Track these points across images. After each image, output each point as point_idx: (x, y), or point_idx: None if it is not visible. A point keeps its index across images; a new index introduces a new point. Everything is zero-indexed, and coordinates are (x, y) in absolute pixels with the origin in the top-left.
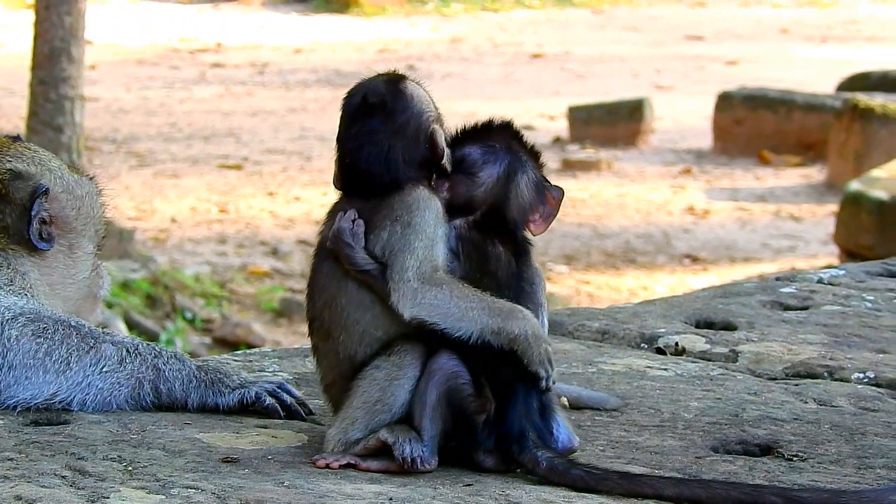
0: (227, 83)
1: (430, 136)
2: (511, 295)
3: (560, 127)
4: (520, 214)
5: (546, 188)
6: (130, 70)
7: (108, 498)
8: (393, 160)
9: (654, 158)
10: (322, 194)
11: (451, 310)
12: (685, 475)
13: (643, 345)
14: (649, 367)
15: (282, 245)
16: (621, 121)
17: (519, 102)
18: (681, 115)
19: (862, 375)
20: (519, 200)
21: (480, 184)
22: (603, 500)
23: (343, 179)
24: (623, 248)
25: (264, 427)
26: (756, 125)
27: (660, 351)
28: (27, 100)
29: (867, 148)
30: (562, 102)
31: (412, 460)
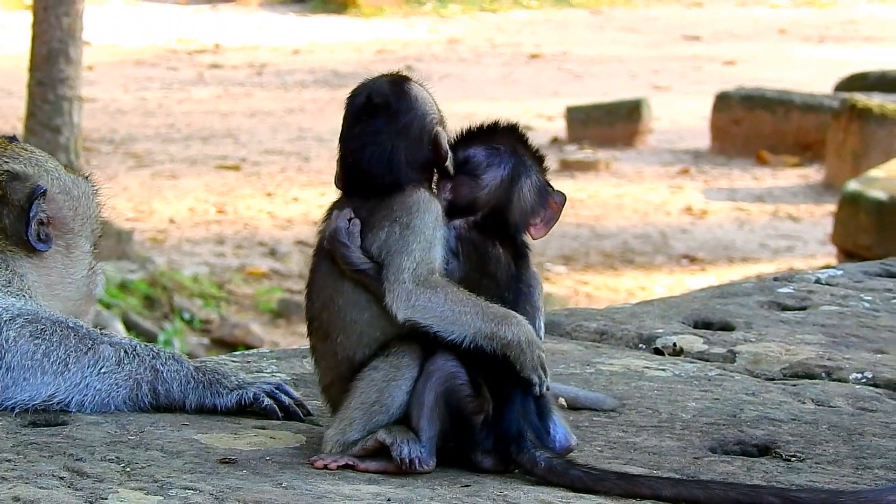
0: (225, 84)
1: (434, 138)
2: (510, 297)
3: (558, 127)
4: (521, 218)
5: (549, 193)
6: (128, 71)
7: (106, 499)
8: (395, 161)
9: (652, 159)
10: (320, 195)
11: (445, 313)
12: (683, 476)
13: (641, 345)
14: (647, 368)
15: (280, 246)
16: (619, 121)
17: (517, 103)
18: (679, 116)
19: (860, 376)
20: (521, 204)
21: (484, 186)
22: (601, 501)
23: (344, 179)
24: (621, 249)
25: (262, 428)
26: (754, 125)
27: (658, 351)
28: (25, 101)
29: (865, 148)
30: (560, 103)
31: (410, 461)
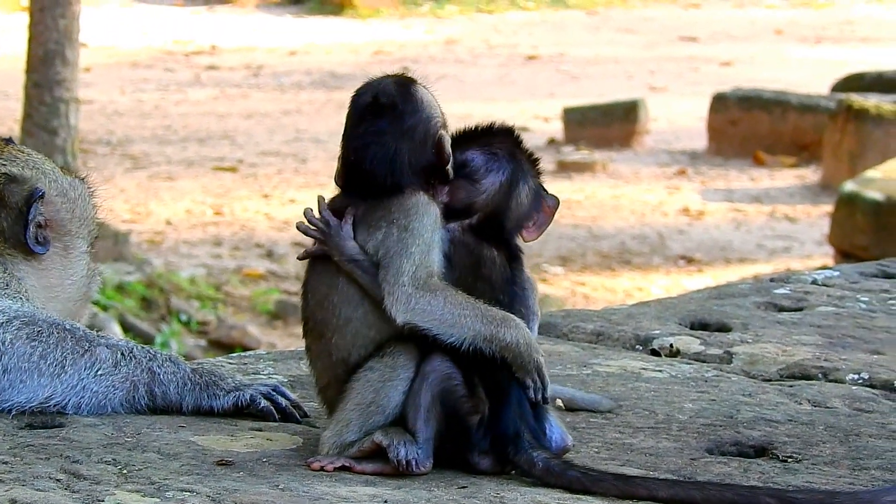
0: (222, 85)
1: (438, 142)
2: (505, 299)
3: (555, 128)
4: (517, 222)
5: (543, 197)
6: (125, 72)
7: (103, 501)
8: (398, 162)
9: (649, 159)
10: (317, 196)
11: (445, 316)
12: (680, 477)
13: (638, 346)
14: (644, 369)
15: (277, 247)
16: (616, 122)
17: (514, 104)
18: (675, 117)
19: (856, 376)
20: (518, 209)
21: (483, 191)
22: (598, 503)
23: (345, 177)
24: (618, 250)
25: (259, 430)
26: (751, 126)
27: (654, 352)
28: (22, 102)
29: (862, 149)
30: (556, 104)
31: (407, 462)
